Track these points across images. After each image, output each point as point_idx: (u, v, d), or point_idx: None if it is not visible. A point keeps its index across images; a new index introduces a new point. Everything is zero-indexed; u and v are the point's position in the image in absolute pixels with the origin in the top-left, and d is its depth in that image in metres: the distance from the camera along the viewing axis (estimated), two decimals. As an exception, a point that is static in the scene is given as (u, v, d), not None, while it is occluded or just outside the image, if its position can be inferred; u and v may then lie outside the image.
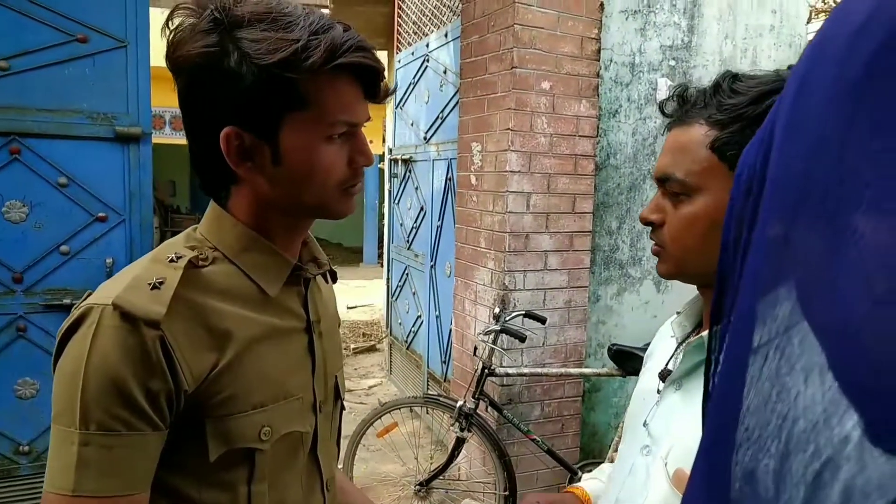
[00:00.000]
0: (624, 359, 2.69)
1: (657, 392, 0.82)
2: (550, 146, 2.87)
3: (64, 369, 0.65)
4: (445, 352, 3.81)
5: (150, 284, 0.66)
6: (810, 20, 3.54)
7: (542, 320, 2.72)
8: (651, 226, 0.79)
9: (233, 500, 0.71)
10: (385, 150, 5.39)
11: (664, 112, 0.80)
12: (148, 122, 2.34)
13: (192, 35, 0.67)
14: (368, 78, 0.72)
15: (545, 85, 2.81)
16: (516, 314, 2.71)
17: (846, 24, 0.23)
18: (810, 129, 0.24)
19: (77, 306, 0.67)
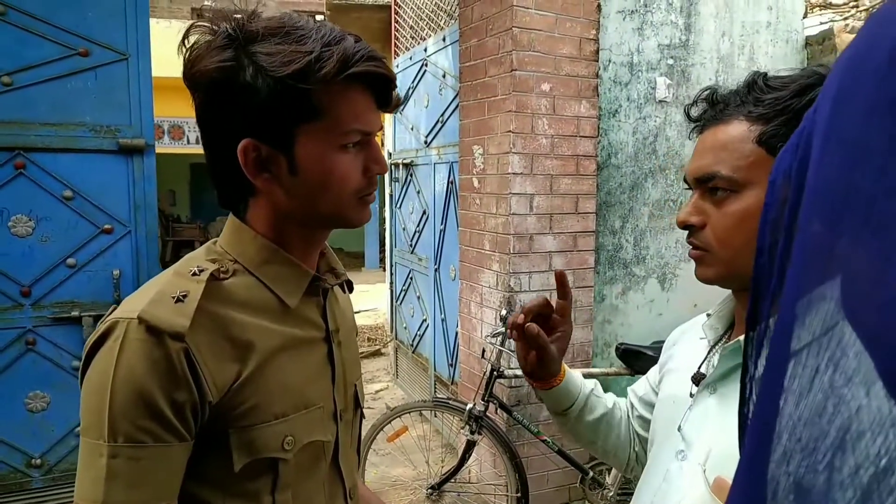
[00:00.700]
0: (631, 357, 2.69)
1: (690, 396, 0.81)
2: (552, 147, 2.87)
3: (91, 383, 0.66)
4: (452, 355, 3.82)
5: (174, 298, 0.67)
6: (806, 15, 3.55)
7: (549, 321, 2.72)
8: (689, 229, 0.77)
9: None
10: (385, 155, 5.41)
11: (690, 117, 0.79)
12: (151, 134, 2.35)
13: (208, 51, 0.69)
14: (380, 87, 0.73)
15: (545, 87, 2.82)
16: (522, 316, 2.71)
17: (885, 39, 0.24)
18: (851, 142, 0.24)
19: (103, 320, 0.68)
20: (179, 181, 12.13)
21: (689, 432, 0.78)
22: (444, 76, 3.83)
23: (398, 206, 4.83)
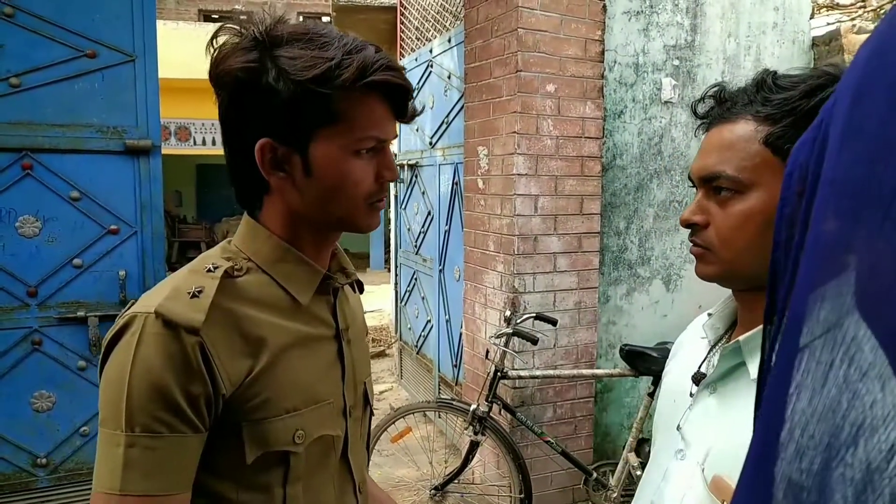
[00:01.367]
0: (636, 359, 2.69)
1: (690, 395, 0.80)
2: (557, 148, 2.87)
3: (109, 375, 0.68)
4: (456, 356, 3.81)
5: (190, 293, 0.69)
6: (813, 16, 3.54)
7: (553, 322, 2.72)
8: (692, 228, 0.76)
9: (268, 502, 0.74)
10: (390, 156, 5.40)
11: (696, 113, 0.79)
12: (157, 135, 2.36)
13: (234, 52, 0.72)
14: (397, 97, 0.75)
15: (550, 87, 2.82)
16: (527, 317, 2.71)
17: None
18: (871, 135, 0.24)
19: (121, 315, 0.71)
20: (186, 182, 12.17)
21: (689, 432, 0.77)
22: (450, 77, 3.83)
23: (403, 207, 4.83)
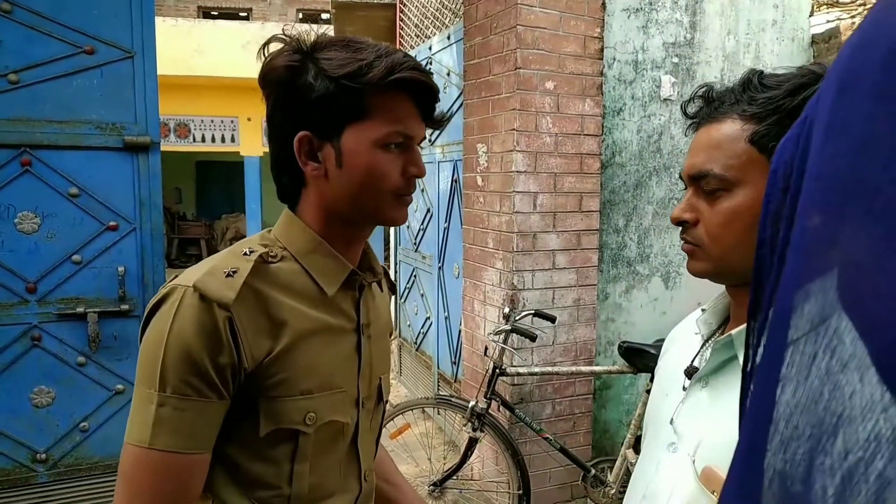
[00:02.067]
0: (635, 356, 2.69)
1: (682, 389, 0.81)
2: (556, 146, 2.87)
3: (149, 340, 0.75)
4: (455, 352, 3.82)
5: (225, 273, 0.76)
6: (812, 13, 3.54)
7: (552, 319, 2.73)
8: (683, 225, 0.78)
9: (276, 475, 0.80)
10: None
11: (686, 113, 0.80)
12: (156, 132, 2.35)
13: (280, 54, 0.81)
14: (424, 96, 0.82)
15: (549, 85, 2.82)
16: (526, 314, 2.72)
17: (891, 26, 0.24)
18: (855, 129, 0.24)
19: (164, 286, 0.78)
20: (185, 179, 12.16)
21: (681, 425, 0.78)
22: (449, 74, 3.83)
23: (402, 205, 4.83)
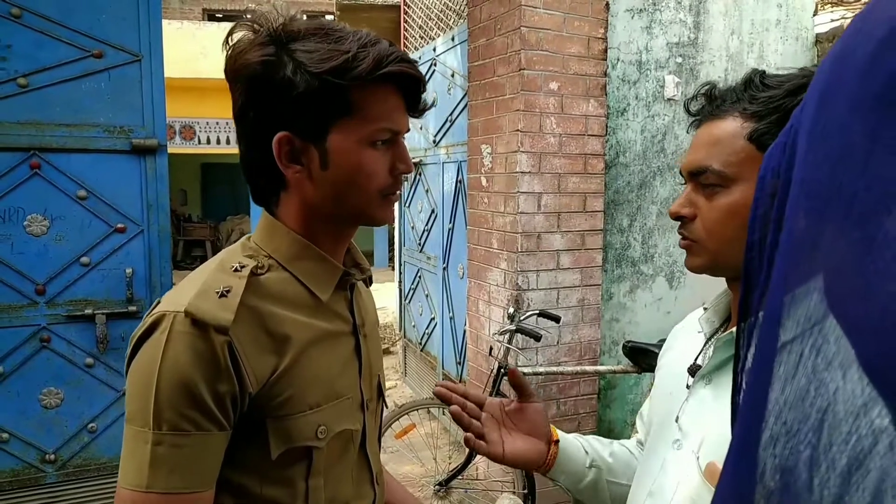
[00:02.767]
0: (639, 355, 2.70)
1: (686, 387, 0.82)
2: (560, 146, 2.88)
3: (138, 373, 0.69)
4: (460, 353, 3.83)
5: (218, 293, 0.70)
6: (816, 12, 3.53)
7: (557, 319, 2.74)
8: (681, 220, 0.79)
9: (291, 495, 0.76)
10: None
11: (689, 111, 0.81)
12: (163, 134, 2.38)
13: (252, 47, 0.73)
14: (411, 88, 0.77)
15: (553, 85, 2.83)
16: (530, 314, 2.72)
17: (868, 37, 0.25)
18: (834, 137, 0.25)
19: (149, 313, 0.71)
20: (190, 181, 12.22)
21: (686, 422, 0.79)
22: (453, 75, 3.84)
23: (407, 205, 4.85)
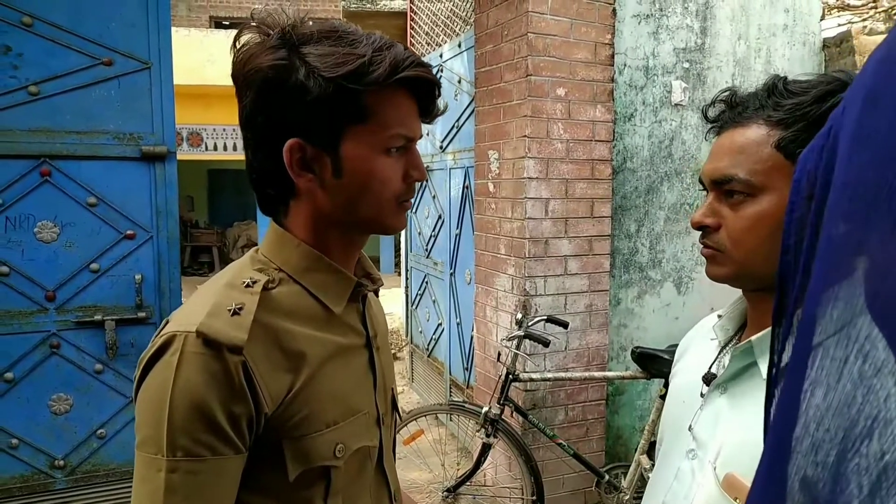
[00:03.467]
0: (647, 361, 2.69)
1: (700, 396, 0.81)
2: (567, 152, 2.88)
3: (149, 397, 0.65)
4: (467, 358, 3.82)
5: (230, 311, 0.67)
6: (824, 17, 3.53)
7: (564, 325, 2.73)
8: (704, 230, 0.77)
9: None
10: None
11: (707, 117, 0.80)
12: (172, 141, 2.39)
13: (262, 50, 0.70)
14: (426, 93, 0.75)
15: (560, 91, 2.83)
16: (538, 319, 2.72)
17: None
18: (882, 141, 0.25)
19: (158, 334, 0.68)
20: (198, 187, 12.27)
21: (700, 432, 0.78)
22: (460, 82, 3.85)
23: (414, 211, 4.85)
